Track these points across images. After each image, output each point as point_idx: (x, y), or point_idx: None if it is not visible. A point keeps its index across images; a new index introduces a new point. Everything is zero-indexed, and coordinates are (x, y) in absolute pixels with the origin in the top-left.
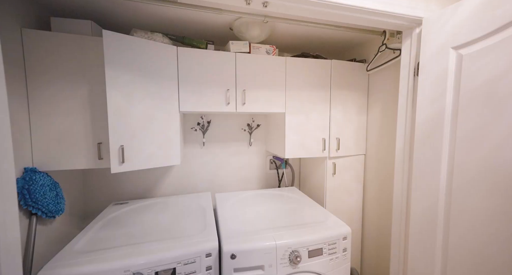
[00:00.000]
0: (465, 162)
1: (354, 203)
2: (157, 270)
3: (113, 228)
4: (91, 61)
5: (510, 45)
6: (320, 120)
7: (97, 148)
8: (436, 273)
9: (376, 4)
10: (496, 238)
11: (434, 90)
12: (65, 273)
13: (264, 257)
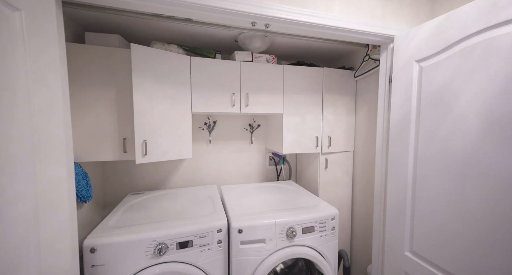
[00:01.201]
0: (425, 151)
1: (344, 194)
2: (177, 241)
3: (136, 211)
4: (118, 69)
5: (452, 61)
6: (313, 120)
7: (123, 143)
8: (406, 240)
9: (357, 25)
10: (448, 208)
11: (403, 95)
12: (106, 241)
13: (266, 232)
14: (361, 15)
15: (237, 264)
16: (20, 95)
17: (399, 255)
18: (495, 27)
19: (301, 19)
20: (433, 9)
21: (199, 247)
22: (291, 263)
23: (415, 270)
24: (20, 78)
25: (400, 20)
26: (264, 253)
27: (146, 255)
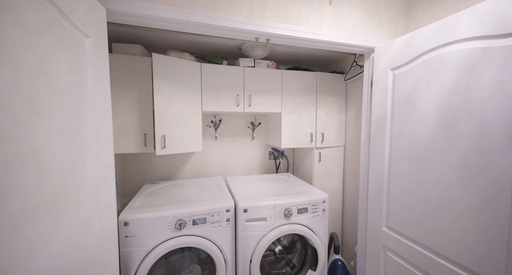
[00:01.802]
0: (397, 143)
1: (336, 184)
2: (193, 218)
3: (155, 196)
4: (139, 75)
5: (415, 71)
6: (308, 119)
7: (143, 137)
8: (383, 218)
9: (343, 39)
10: (413, 188)
11: (380, 97)
12: (136, 217)
13: (266, 211)
14: (346, 30)
15: (242, 238)
16: (89, 97)
17: (378, 231)
18: (443, 46)
19: (296, 35)
20: (408, 24)
21: (211, 224)
22: (288, 245)
23: (390, 242)
24: (88, 85)
25: (380, 34)
26: (265, 229)
27: (168, 229)
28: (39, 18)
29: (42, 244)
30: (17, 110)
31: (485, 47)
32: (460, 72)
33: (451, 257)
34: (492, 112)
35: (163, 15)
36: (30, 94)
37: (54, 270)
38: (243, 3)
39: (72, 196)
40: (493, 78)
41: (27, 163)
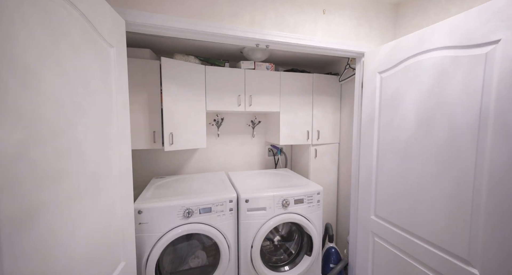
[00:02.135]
0: (384, 139)
1: (331, 179)
2: (200, 208)
3: (164, 189)
4: (148, 76)
5: (399, 74)
6: (305, 117)
7: (153, 135)
8: (372, 207)
9: (336, 45)
10: (396, 178)
11: (370, 97)
12: (149, 206)
13: (266, 202)
14: (338, 37)
15: (244, 226)
16: (113, 99)
17: (367, 219)
18: (421, 53)
19: (292, 41)
20: (395, 31)
21: (216, 213)
22: (286, 235)
23: (378, 229)
24: (113, 88)
25: (370, 39)
26: (265, 218)
27: (177, 217)
28: (80, 35)
29: (81, 223)
30: (67, 110)
31: (454, 55)
32: (434, 76)
33: (427, 239)
34: (460, 112)
35: (175, 26)
36: (75, 97)
37: (90, 247)
38: (245, 14)
39: (103, 182)
40: (460, 83)
41: (72, 154)
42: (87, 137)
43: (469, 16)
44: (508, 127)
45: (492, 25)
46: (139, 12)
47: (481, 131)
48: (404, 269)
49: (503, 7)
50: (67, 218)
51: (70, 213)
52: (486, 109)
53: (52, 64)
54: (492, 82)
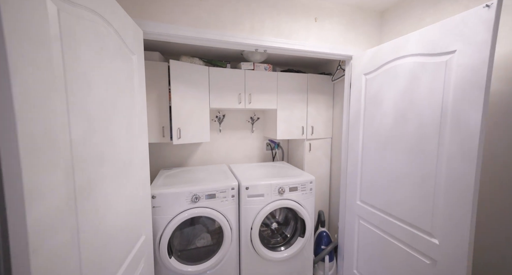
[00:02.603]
0: (367, 133)
1: (324, 171)
2: (206, 194)
3: (173, 178)
4: (158, 77)
5: (380, 76)
6: (300, 114)
7: (162, 130)
8: (357, 193)
9: (326, 49)
10: (377, 167)
11: (357, 96)
12: (161, 192)
13: (264, 189)
14: (329, 42)
15: (244, 210)
16: (135, 99)
17: (354, 204)
18: (397, 59)
19: (287, 46)
20: (381, 37)
21: (220, 199)
22: (282, 221)
23: (362, 212)
24: (135, 89)
25: (357, 44)
26: (263, 203)
27: (186, 201)
28: (114, 47)
29: (117, 197)
30: (107, 108)
31: (422, 62)
32: (407, 79)
33: (401, 217)
34: (426, 110)
35: (184, 34)
36: (112, 98)
37: (123, 216)
38: (245, 22)
39: (129, 169)
40: (427, 85)
41: (111, 143)
42: (119, 130)
43: (434, 29)
44: (461, 122)
45: (450, 38)
46: (154, 22)
47: (441, 126)
48: (383, 245)
49: (458, 24)
50: (110, 191)
51: (111, 188)
52: (445, 108)
53: (97, 72)
54: (450, 85)
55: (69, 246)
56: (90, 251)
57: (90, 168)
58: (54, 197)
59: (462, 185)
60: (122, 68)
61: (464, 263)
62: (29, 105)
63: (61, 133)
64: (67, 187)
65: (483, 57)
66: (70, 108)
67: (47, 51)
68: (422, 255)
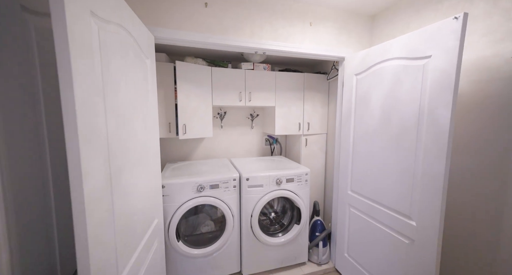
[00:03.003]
0: (357, 128)
1: (319, 164)
2: (210, 184)
3: (179, 170)
4: (164, 76)
5: (369, 77)
6: (297, 111)
7: (168, 125)
8: (349, 183)
9: (321, 51)
10: (366, 159)
11: (348, 95)
12: (170, 182)
13: (263, 180)
14: (323, 44)
15: (245, 199)
16: (149, 97)
17: (345, 194)
18: (384, 61)
19: (285, 49)
20: (371, 39)
21: (222, 189)
22: (280, 212)
23: (352, 201)
24: (149, 89)
25: (349, 46)
26: (262, 193)
27: (192, 190)
28: (133, 54)
29: (139, 181)
30: (129, 107)
31: (405, 64)
32: (392, 80)
33: (386, 204)
34: (407, 109)
35: (191, 39)
36: (133, 98)
37: (143, 198)
38: (246, 28)
39: (145, 159)
40: (408, 86)
41: (131, 138)
42: (138, 126)
43: (414, 36)
44: (435, 120)
45: (427, 44)
46: (164, 29)
47: (419, 123)
48: (370, 229)
49: (433, 32)
50: (132, 177)
51: (132, 174)
52: (423, 106)
53: (122, 76)
54: (426, 86)
55: (108, 215)
56: (120, 222)
57: (119, 157)
58: (98, 176)
59: (434, 174)
60: (139, 71)
61: (435, 240)
62: (83, 106)
63: (102, 128)
64: (105, 170)
65: (452, 62)
66: (106, 108)
67: (91, 61)
68: (402, 235)
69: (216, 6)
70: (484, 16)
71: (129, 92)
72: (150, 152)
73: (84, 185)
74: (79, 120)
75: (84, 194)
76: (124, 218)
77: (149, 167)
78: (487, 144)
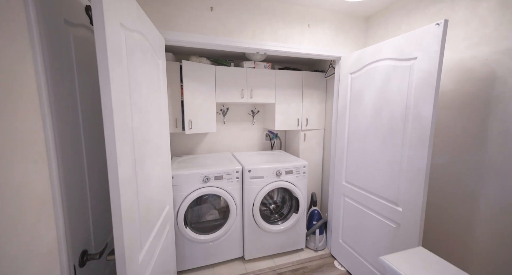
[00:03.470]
0: (352, 125)
1: (317, 158)
2: (215, 175)
3: (185, 163)
4: (171, 75)
5: (362, 76)
6: (296, 107)
7: (175, 121)
8: (343, 175)
9: (318, 51)
10: (359, 153)
11: (344, 92)
12: (178, 173)
13: (264, 172)
14: (321, 44)
15: (247, 190)
16: (162, 95)
17: (340, 185)
18: (376, 61)
19: (284, 49)
20: (366, 40)
21: (226, 180)
22: (280, 204)
23: (347, 191)
24: (161, 87)
25: (345, 46)
26: (263, 183)
27: (198, 181)
28: (150, 56)
29: (154, 170)
30: (148, 103)
31: (394, 65)
32: (383, 79)
33: (376, 193)
34: (396, 105)
35: (198, 41)
36: (150, 95)
37: (158, 185)
38: (248, 30)
39: (159, 151)
40: (396, 85)
41: (149, 130)
42: (153, 120)
43: (402, 39)
44: (419, 116)
45: (413, 47)
46: (173, 32)
47: (406, 119)
48: (362, 216)
49: (418, 36)
50: (150, 166)
51: (150, 163)
52: (409, 104)
53: (142, 76)
54: (412, 85)
55: (134, 197)
56: (142, 205)
57: (141, 147)
58: (127, 163)
59: (418, 165)
60: (153, 71)
61: (418, 223)
62: (117, 103)
63: (128, 122)
64: (131, 158)
65: (434, 63)
66: (132, 104)
67: (122, 65)
68: (390, 220)
69: (220, 10)
70: (464, 22)
71: (147, 90)
72: (162, 144)
73: (119, 170)
74: (115, 115)
75: (119, 177)
76: (145, 201)
77: (162, 158)
78: (467, 137)
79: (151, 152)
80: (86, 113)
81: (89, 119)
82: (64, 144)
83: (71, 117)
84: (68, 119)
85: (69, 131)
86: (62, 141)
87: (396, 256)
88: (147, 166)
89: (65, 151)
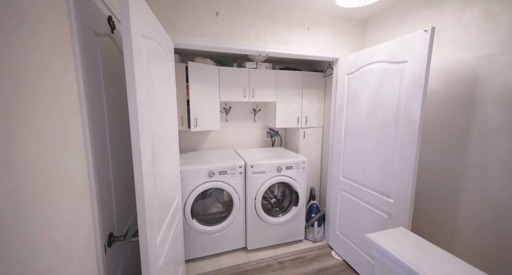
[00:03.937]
0: (349, 123)
1: (316, 155)
2: (219, 170)
3: (191, 159)
4: (177, 76)
5: (358, 77)
6: (296, 106)
7: (181, 119)
8: (340, 170)
9: (317, 53)
10: (355, 149)
11: (341, 92)
12: (185, 168)
13: (265, 167)
14: (319, 47)
15: (250, 184)
16: (171, 95)
17: (337, 179)
18: (371, 63)
19: (285, 51)
20: (363, 43)
21: (230, 175)
22: (281, 198)
23: (343, 185)
24: (171, 88)
25: (343, 48)
26: (265, 178)
27: (204, 176)
28: (162, 60)
29: (166, 165)
30: (161, 103)
31: (387, 67)
32: (377, 81)
33: (370, 186)
34: (388, 105)
35: (205, 44)
36: (163, 95)
37: (170, 179)
38: (251, 33)
39: (169, 146)
40: (389, 86)
41: (163, 127)
42: (166, 119)
43: (395, 43)
44: (409, 116)
45: (404, 51)
46: (182, 36)
47: (397, 118)
48: (357, 208)
49: (409, 41)
50: (164, 160)
51: (165, 158)
52: (400, 104)
53: (157, 78)
54: (403, 87)
55: (153, 187)
56: (159, 194)
57: (157, 143)
58: (148, 156)
59: (408, 160)
60: (164, 73)
61: (407, 213)
62: (140, 103)
63: (148, 120)
64: (151, 153)
65: (423, 67)
66: (150, 104)
67: (143, 69)
68: (383, 211)
69: (225, 15)
70: (451, 28)
71: (160, 91)
72: (173, 141)
73: (142, 162)
74: (139, 114)
75: (142, 169)
76: (160, 191)
77: (172, 153)
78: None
79: (165, 147)
80: (109, 112)
81: (111, 117)
82: (96, 139)
83: (100, 116)
84: (98, 118)
85: (99, 128)
86: (95, 137)
87: (380, 234)
88: (162, 161)
89: (96, 145)
